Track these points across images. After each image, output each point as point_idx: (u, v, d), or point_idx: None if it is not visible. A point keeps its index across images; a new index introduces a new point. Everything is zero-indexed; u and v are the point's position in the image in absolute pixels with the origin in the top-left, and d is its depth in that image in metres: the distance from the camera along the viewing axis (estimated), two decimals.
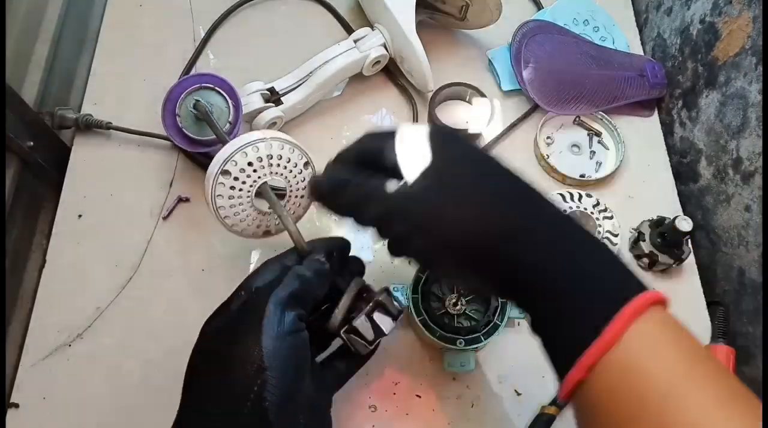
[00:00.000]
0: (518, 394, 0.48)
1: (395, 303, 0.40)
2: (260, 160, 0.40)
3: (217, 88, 0.50)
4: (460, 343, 0.45)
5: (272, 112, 0.54)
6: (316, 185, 0.37)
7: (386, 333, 0.40)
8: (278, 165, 0.41)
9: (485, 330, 0.46)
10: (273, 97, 0.55)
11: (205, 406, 0.33)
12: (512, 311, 0.47)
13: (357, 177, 0.35)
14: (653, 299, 0.29)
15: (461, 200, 0.32)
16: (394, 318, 0.40)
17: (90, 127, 0.55)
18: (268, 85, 0.55)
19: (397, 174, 0.33)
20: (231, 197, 0.40)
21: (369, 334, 0.39)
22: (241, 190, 0.40)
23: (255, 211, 0.42)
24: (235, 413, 0.31)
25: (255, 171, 0.40)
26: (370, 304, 0.39)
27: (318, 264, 0.37)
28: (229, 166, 0.39)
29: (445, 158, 0.33)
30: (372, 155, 0.35)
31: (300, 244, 0.39)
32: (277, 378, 0.31)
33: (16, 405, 0.45)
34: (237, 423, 0.31)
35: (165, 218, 0.53)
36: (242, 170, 0.40)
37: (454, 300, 0.48)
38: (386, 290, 0.41)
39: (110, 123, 0.55)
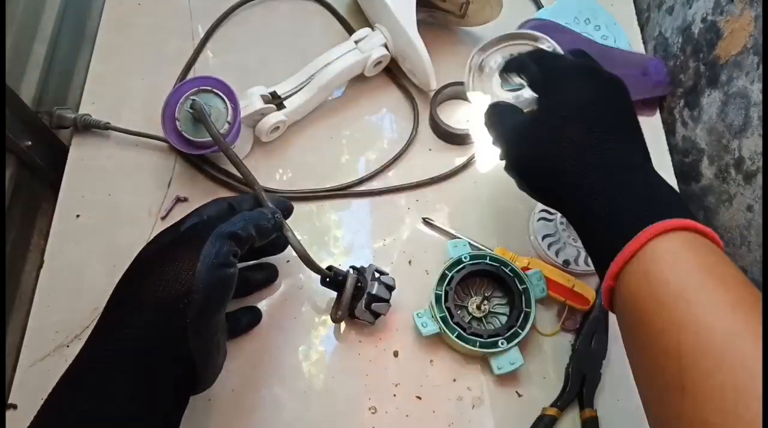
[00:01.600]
0: (519, 396, 0.48)
1: (386, 289, 0.46)
2: None
3: (215, 90, 0.50)
4: (502, 343, 0.45)
5: (275, 117, 0.54)
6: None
7: (384, 314, 0.47)
8: None
9: (519, 321, 0.46)
10: (275, 100, 0.55)
11: (131, 312, 0.34)
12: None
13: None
14: (685, 225, 0.32)
15: (541, 139, 0.38)
16: (388, 301, 0.47)
17: (88, 127, 0.54)
18: (270, 89, 0.55)
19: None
20: None
21: (369, 318, 0.47)
22: None
23: None
24: (159, 323, 0.34)
25: None
26: (365, 297, 0.46)
27: (268, 216, 0.41)
28: None
29: (556, 92, 0.41)
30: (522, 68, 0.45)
31: (261, 197, 0.44)
32: (200, 302, 0.34)
33: (14, 406, 0.45)
34: (157, 332, 0.34)
35: (163, 218, 0.52)
36: None
37: (477, 303, 0.48)
38: (377, 279, 0.47)
39: (108, 123, 0.54)
